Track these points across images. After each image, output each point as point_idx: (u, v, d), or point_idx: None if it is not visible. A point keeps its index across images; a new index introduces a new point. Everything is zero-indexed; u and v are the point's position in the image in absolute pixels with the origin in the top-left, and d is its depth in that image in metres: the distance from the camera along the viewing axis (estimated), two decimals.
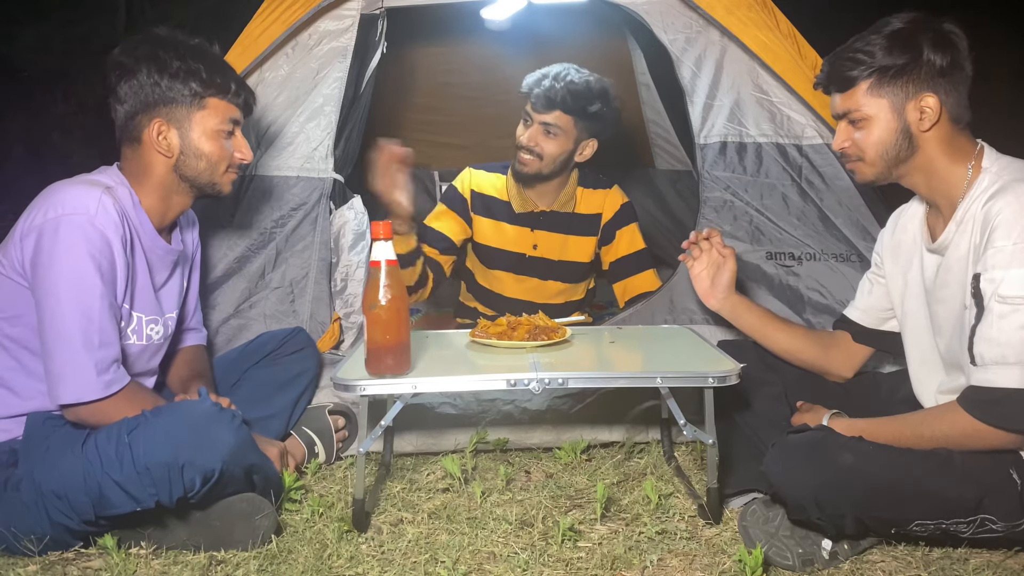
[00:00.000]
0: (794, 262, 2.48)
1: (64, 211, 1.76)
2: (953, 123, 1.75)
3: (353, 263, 2.46)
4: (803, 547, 1.69)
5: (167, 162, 1.92)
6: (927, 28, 1.74)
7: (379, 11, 2.52)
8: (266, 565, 1.71)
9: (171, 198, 1.97)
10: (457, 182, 2.91)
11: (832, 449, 1.63)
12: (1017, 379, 1.58)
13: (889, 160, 1.78)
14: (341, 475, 2.17)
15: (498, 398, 2.31)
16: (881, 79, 1.75)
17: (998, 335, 1.60)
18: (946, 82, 1.73)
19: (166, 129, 1.90)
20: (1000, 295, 1.60)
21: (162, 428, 1.69)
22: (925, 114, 1.73)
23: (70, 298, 1.75)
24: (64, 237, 1.74)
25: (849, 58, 1.78)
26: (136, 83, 1.88)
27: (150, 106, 1.89)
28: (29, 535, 1.72)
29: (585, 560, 1.72)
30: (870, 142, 1.78)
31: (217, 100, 1.94)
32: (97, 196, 1.79)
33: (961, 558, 1.69)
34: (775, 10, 2.55)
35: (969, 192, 1.72)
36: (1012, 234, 1.60)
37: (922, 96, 1.73)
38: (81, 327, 1.75)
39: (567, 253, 2.87)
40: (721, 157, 2.53)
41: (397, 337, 1.78)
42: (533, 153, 2.72)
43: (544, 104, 2.67)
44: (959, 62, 1.74)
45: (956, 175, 1.74)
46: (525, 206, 2.84)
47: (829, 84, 1.84)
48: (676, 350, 2.08)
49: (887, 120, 1.76)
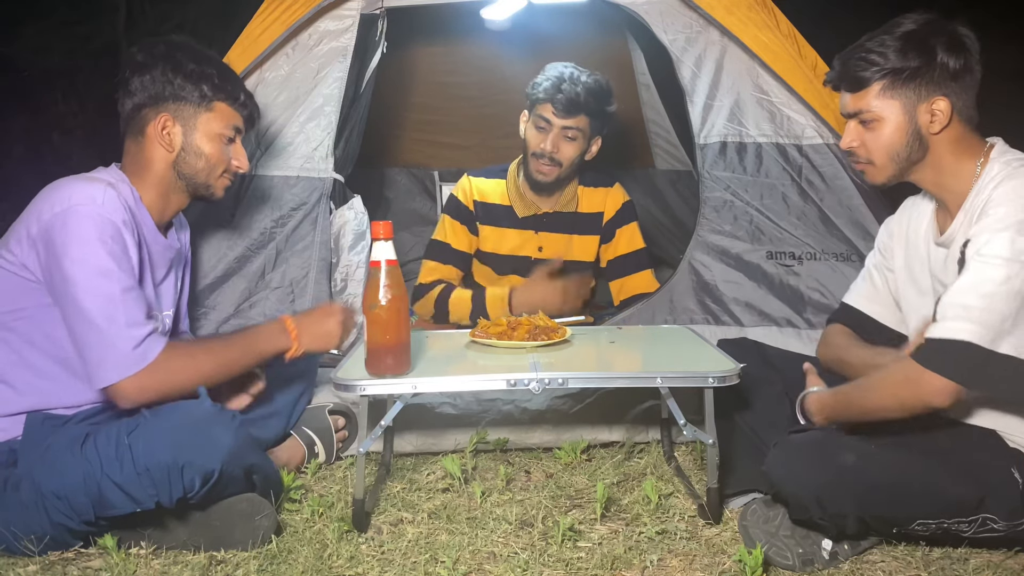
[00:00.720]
0: (794, 262, 2.48)
1: (71, 203, 1.77)
2: (963, 124, 1.75)
3: (353, 263, 2.47)
4: (803, 547, 1.69)
5: (168, 157, 1.95)
6: (941, 31, 1.73)
7: (379, 11, 2.52)
8: (266, 565, 1.71)
9: (169, 196, 1.99)
10: (459, 192, 2.89)
11: (834, 449, 1.64)
12: (973, 334, 1.57)
13: (900, 162, 1.77)
14: (341, 475, 2.17)
15: (498, 398, 2.31)
16: (894, 81, 1.73)
17: (966, 288, 1.60)
18: (957, 85, 1.72)
19: (171, 124, 1.94)
20: (981, 253, 1.60)
21: (162, 429, 1.69)
22: (936, 117, 1.72)
23: (90, 286, 1.76)
24: (74, 228, 1.76)
25: (862, 58, 1.76)
26: (149, 78, 1.93)
27: (159, 101, 1.94)
28: (29, 535, 1.72)
29: (585, 560, 1.72)
30: (880, 144, 1.77)
31: (224, 105, 1.99)
32: (102, 188, 1.82)
33: (961, 558, 1.69)
34: (775, 10, 2.55)
35: (977, 184, 1.71)
36: (1005, 207, 1.60)
37: (934, 99, 1.72)
38: (104, 311, 1.76)
39: (572, 253, 2.87)
40: (721, 157, 2.53)
41: (397, 337, 1.78)
42: (554, 161, 2.70)
43: (569, 109, 2.65)
44: (971, 65, 1.73)
45: (965, 171, 1.74)
46: (528, 209, 2.83)
47: (840, 82, 1.82)
48: (676, 350, 2.08)
49: (898, 122, 1.75)
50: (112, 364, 1.76)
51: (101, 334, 1.76)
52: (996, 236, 1.59)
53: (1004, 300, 1.57)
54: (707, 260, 2.52)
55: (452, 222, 2.88)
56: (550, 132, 2.68)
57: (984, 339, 1.57)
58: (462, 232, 2.87)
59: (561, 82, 2.65)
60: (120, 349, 1.76)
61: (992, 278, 1.58)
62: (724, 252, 2.52)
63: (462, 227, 2.87)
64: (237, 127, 2.03)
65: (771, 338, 2.37)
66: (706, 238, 2.53)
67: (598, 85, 2.68)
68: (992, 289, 1.57)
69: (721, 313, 2.51)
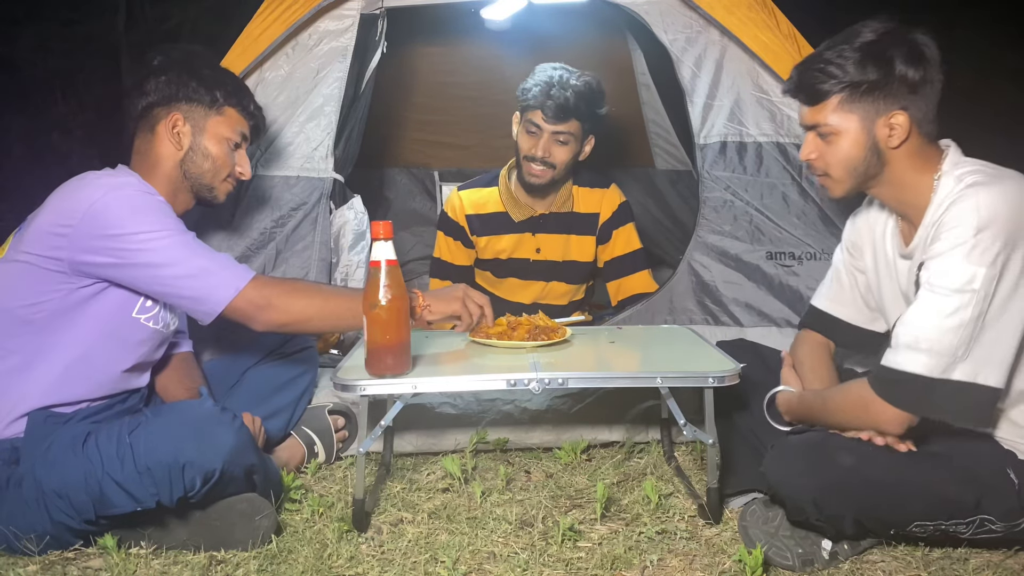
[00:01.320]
0: (794, 262, 2.48)
1: (108, 189, 1.83)
2: (921, 137, 1.73)
3: (353, 263, 2.47)
4: (803, 547, 1.69)
5: (176, 155, 2.00)
6: (900, 41, 1.70)
7: (379, 11, 2.52)
8: (266, 565, 1.71)
9: (177, 195, 2.02)
10: (449, 209, 2.89)
11: (831, 451, 1.64)
12: (922, 366, 1.59)
13: (858, 176, 1.76)
14: (341, 475, 2.17)
15: (498, 398, 2.31)
16: (852, 94, 1.71)
17: (916, 320, 1.61)
18: (917, 97, 1.70)
19: (182, 123, 1.99)
20: (931, 283, 1.61)
21: (163, 428, 1.70)
22: (895, 131, 1.70)
23: (164, 244, 1.83)
24: (121, 206, 1.82)
25: (820, 70, 1.73)
26: (165, 79, 1.99)
27: (172, 100, 1.99)
28: (30, 533, 1.72)
29: (585, 560, 1.72)
30: (838, 157, 1.76)
31: (234, 112, 2.06)
32: (126, 179, 1.90)
33: (961, 558, 1.69)
34: (775, 10, 2.55)
35: (934, 199, 1.70)
36: (958, 231, 1.59)
37: (893, 113, 1.70)
38: (187, 255, 1.85)
39: (570, 253, 2.87)
40: (721, 157, 2.53)
41: (397, 337, 1.78)
42: (547, 164, 2.69)
43: (559, 115, 2.63)
44: (930, 76, 1.70)
45: (924, 186, 1.72)
46: (523, 212, 2.83)
47: (798, 94, 1.80)
48: (676, 350, 2.08)
49: (856, 136, 1.73)
50: (222, 283, 1.84)
51: (201, 268, 1.85)
52: (945, 265, 1.59)
53: (954, 331, 1.58)
54: (707, 260, 2.53)
55: (446, 239, 2.89)
56: (541, 137, 2.67)
57: (935, 370, 1.59)
58: (457, 248, 2.89)
59: (550, 87, 2.62)
60: (223, 270, 1.86)
61: (941, 310, 1.59)
62: (724, 252, 2.52)
63: (456, 243, 2.88)
64: (244, 134, 2.08)
65: (771, 338, 2.37)
66: (706, 238, 2.53)
67: (588, 87, 2.66)
68: (940, 321, 1.59)
69: (721, 313, 2.51)
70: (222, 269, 1.87)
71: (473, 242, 2.87)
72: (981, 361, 1.58)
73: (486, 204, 2.86)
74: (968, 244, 1.57)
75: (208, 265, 1.86)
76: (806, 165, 1.85)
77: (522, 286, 2.91)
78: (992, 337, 1.58)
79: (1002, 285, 1.57)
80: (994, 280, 1.56)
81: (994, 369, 1.58)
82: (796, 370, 1.98)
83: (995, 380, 1.58)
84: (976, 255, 1.56)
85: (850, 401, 1.70)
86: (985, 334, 1.58)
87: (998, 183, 1.62)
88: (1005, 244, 1.56)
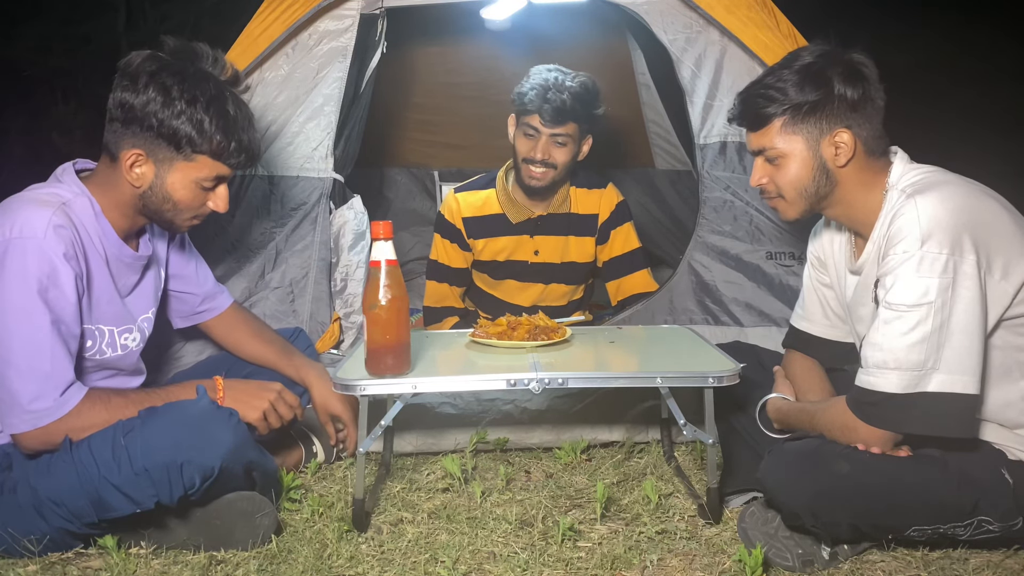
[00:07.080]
0: (794, 262, 2.48)
1: (12, 234, 1.69)
2: (868, 155, 1.74)
3: (353, 263, 2.47)
4: (803, 547, 1.69)
5: (134, 190, 1.83)
6: (836, 62, 1.73)
7: (379, 11, 2.52)
8: (266, 565, 1.71)
9: (134, 216, 1.89)
10: (445, 211, 2.88)
11: (828, 458, 1.64)
12: (894, 384, 1.60)
13: (809, 197, 1.78)
14: (341, 475, 2.17)
15: (498, 398, 2.31)
16: (794, 116, 1.74)
17: (881, 340, 1.62)
18: (859, 115, 1.72)
19: (143, 161, 1.80)
20: (887, 301, 1.62)
21: (159, 429, 1.69)
22: (840, 149, 1.72)
23: (17, 328, 1.69)
24: (11, 263, 1.68)
25: (761, 95, 1.76)
26: (135, 99, 1.76)
27: (137, 131, 1.78)
28: (28, 536, 1.71)
29: (585, 560, 1.72)
30: (788, 180, 1.78)
31: (207, 159, 1.82)
32: (48, 217, 1.71)
33: (961, 558, 1.70)
34: (775, 10, 2.55)
35: (881, 212, 1.72)
36: (903, 245, 1.60)
37: (836, 132, 1.72)
38: (28, 356, 1.70)
39: (569, 255, 2.86)
40: (721, 157, 2.54)
41: (397, 337, 1.78)
42: (547, 165, 2.69)
43: (556, 118, 2.62)
44: (870, 94, 1.73)
45: (873, 201, 1.75)
46: (521, 214, 2.83)
47: (743, 121, 1.83)
48: (676, 350, 2.08)
49: (803, 157, 1.75)
50: (29, 411, 1.70)
51: (21, 379, 1.70)
52: (898, 282, 1.60)
53: (919, 346, 1.58)
54: (707, 260, 2.53)
55: (443, 241, 2.89)
56: (539, 140, 2.67)
57: (908, 386, 1.60)
58: (453, 250, 2.88)
59: (547, 91, 2.61)
60: (39, 397, 1.70)
61: (901, 328, 1.60)
62: (724, 252, 2.52)
63: (452, 245, 2.88)
64: (221, 176, 1.87)
65: (771, 338, 2.37)
66: (706, 238, 2.53)
67: (584, 89, 2.65)
68: (902, 339, 1.60)
69: (721, 313, 2.51)
70: (36, 395, 1.70)
71: (470, 244, 2.87)
72: (955, 369, 1.58)
73: (483, 206, 2.85)
74: (915, 257, 1.58)
75: (27, 385, 1.69)
76: (759, 191, 1.86)
77: (520, 288, 2.90)
78: (963, 344, 1.58)
79: (960, 290, 1.57)
80: (948, 288, 1.57)
81: (970, 376, 1.58)
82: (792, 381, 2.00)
83: (972, 387, 1.59)
84: (926, 268, 1.57)
85: (836, 424, 1.71)
86: (953, 340, 1.58)
87: (935, 189, 1.63)
88: (952, 250, 1.57)
